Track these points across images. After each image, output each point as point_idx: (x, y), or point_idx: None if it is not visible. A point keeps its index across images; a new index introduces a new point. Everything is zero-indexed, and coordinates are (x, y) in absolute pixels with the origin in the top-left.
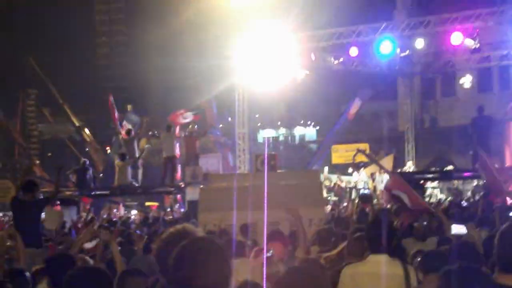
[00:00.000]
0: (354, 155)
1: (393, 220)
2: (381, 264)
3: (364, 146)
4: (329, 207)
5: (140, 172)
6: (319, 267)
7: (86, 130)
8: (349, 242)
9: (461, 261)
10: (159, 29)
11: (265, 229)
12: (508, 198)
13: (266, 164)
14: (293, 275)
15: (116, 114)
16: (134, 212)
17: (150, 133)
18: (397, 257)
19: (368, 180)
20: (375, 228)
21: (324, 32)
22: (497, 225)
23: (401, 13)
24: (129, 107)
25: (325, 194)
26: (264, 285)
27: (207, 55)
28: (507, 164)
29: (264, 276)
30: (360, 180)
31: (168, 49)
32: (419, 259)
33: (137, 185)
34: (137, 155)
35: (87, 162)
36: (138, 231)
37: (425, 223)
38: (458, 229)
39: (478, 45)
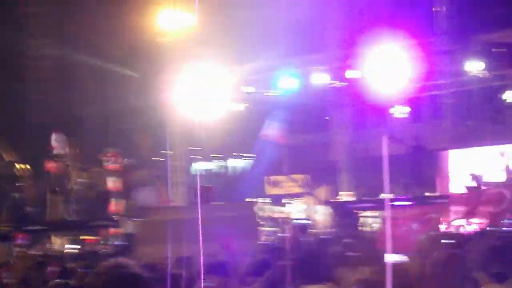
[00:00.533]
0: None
1: (327, 249)
2: None
3: (299, 177)
4: (264, 238)
5: (73, 206)
6: None
7: (18, 165)
8: (274, 271)
9: None
10: (90, 60)
11: (201, 262)
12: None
13: (199, 196)
14: None
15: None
16: (69, 246)
17: (80, 166)
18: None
19: (303, 210)
20: (311, 258)
21: (255, 65)
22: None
23: (333, 44)
24: (68, 141)
25: (260, 225)
26: None
27: (139, 87)
28: (438, 193)
29: None
30: (294, 210)
31: (103, 78)
32: None
33: (70, 219)
34: (69, 188)
35: (19, 197)
36: (72, 265)
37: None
38: (397, 257)
39: (410, 75)
